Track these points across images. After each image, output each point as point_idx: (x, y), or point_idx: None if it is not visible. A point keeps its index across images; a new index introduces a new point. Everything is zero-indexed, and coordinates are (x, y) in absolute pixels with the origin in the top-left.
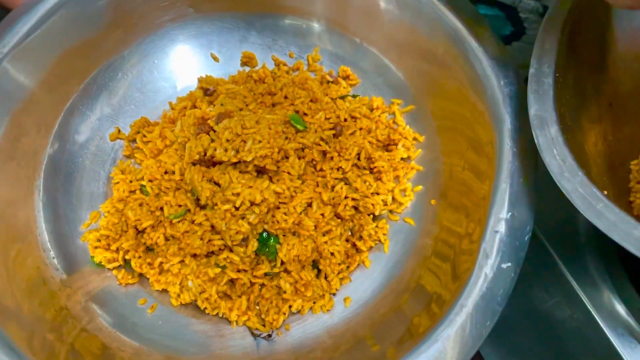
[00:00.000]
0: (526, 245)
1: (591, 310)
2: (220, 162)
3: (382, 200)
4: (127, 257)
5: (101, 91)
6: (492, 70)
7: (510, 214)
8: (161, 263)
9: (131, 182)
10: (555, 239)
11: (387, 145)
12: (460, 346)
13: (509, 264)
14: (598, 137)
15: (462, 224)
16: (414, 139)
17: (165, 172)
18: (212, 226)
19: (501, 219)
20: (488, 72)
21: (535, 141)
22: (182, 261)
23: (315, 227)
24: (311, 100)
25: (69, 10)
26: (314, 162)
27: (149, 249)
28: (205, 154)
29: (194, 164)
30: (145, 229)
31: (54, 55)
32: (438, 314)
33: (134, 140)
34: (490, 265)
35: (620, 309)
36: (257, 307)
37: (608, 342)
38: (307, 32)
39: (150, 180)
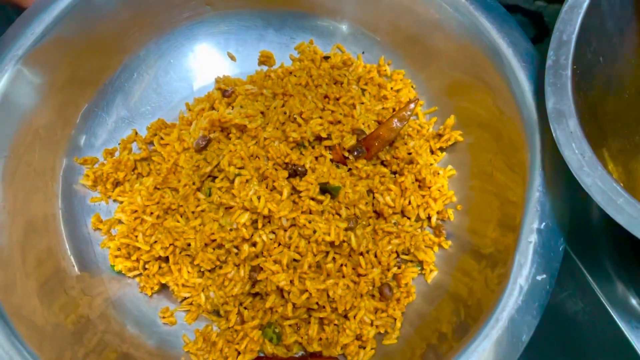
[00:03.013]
0: (561, 255)
1: (604, 303)
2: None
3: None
4: (147, 266)
5: (117, 93)
6: (523, 75)
7: (544, 223)
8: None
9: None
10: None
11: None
12: None
13: (544, 276)
14: (615, 129)
15: (490, 232)
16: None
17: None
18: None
19: (535, 229)
20: (520, 77)
21: (553, 134)
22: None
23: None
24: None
25: (83, 10)
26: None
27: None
28: None
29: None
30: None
31: (69, 57)
32: (472, 328)
33: (151, 143)
34: (525, 277)
35: (634, 302)
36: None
37: (621, 334)
38: (327, 30)
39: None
